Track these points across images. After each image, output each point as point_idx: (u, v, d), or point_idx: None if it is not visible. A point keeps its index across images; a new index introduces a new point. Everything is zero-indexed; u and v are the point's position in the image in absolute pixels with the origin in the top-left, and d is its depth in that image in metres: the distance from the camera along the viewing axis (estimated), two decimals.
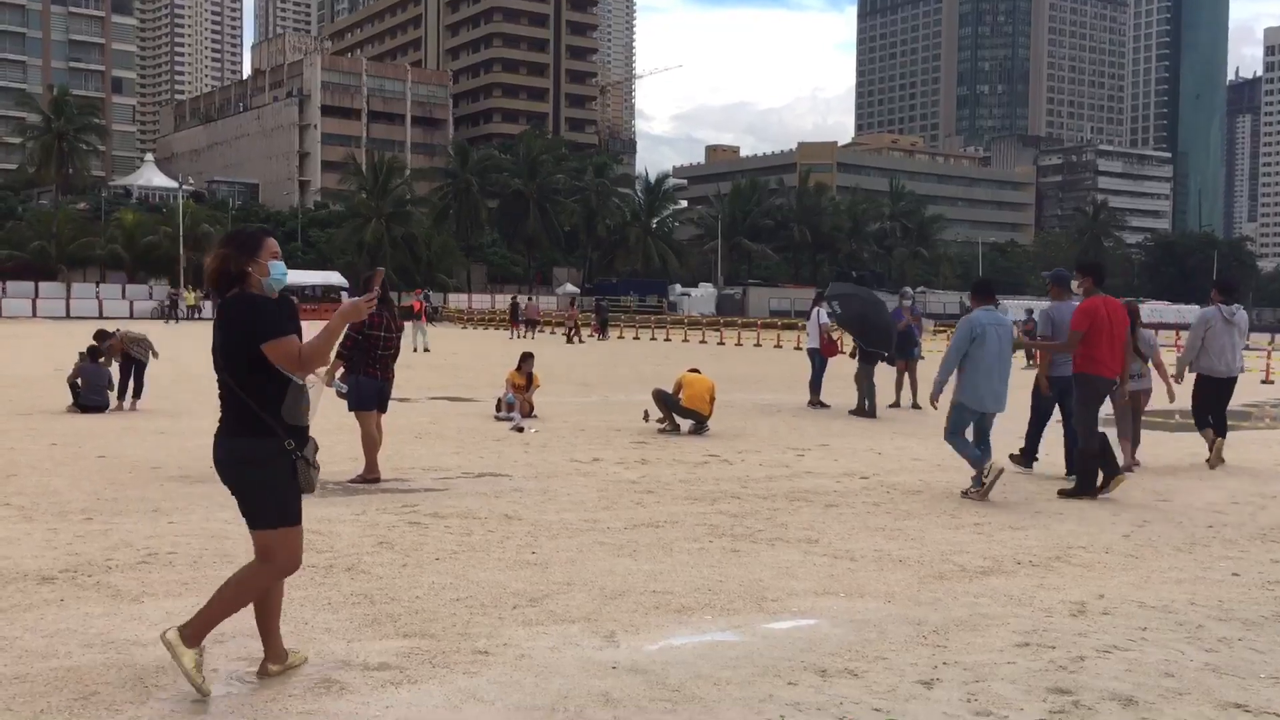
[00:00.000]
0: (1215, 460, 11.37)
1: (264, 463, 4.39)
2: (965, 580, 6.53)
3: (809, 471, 10.83)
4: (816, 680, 4.71)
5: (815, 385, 17.69)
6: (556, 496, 9.06)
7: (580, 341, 43.30)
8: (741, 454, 11.88)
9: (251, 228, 4.91)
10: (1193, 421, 12.04)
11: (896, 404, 17.82)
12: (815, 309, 18.22)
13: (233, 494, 4.52)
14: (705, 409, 13.69)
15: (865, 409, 16.30)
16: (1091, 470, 9.47)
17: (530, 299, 56.88)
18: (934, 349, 37.25)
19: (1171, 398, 11.84)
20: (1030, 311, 42.80)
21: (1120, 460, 10.27)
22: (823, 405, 17.35)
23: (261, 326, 4.35)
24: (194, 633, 4.42)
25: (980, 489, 9.24)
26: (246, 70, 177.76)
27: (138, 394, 15.42)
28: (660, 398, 13.90)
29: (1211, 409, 11.62)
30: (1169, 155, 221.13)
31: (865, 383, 16.41)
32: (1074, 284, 10.38)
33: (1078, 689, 4.66)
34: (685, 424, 13.78)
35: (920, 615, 5.73)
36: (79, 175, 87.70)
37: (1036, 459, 11.19)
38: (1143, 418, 11.93)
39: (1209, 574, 6.85)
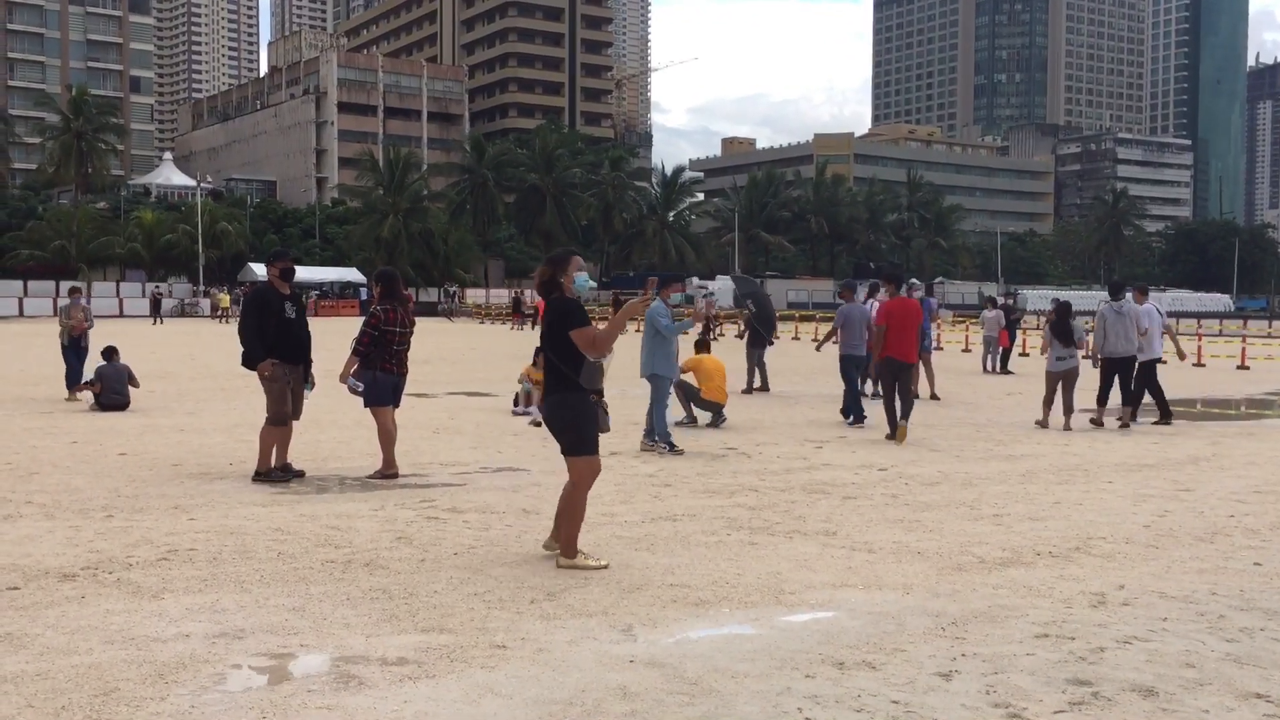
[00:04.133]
0: (1097, 420, 14.12)
1: (577, 407, 6.26)
2: (984, 572, 6.50)
3: (826, 464, 10.82)
4: (834, 673, 4.70)
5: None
6: None
7: (717, 338, 38.40)
8: (759, 446, 11.87)
9: (563, 250, 6.66)
10: (1215, 411, 12.29)
11: (915, 395, 17.76)
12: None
13: (555, 435, 6.41)
14: (723, 399, 13.76)
15: (754, 387, 17.95)
16: (889, 415, 12.66)
17: (527, 292, 56.71)
18: (951, 340, 37.14)
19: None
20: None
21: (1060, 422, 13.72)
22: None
23: (571, 320, 6.22)
24: (568, 549, 6.41)
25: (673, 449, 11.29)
26: (263, 68, 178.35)
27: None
28: (680, 390, 13.88)
29: (1119, 383, 14.20)
30: (1189, 142, 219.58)
31: (754, 363, 18.14)
32: (880, 290, 13.75)
33: (1098, 680, 4.64)
34: (703, 416, 13.79)
35: (939, 607, 5.71)
36: (98, 174, 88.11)
37: (865, 416, 14.02)
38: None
39: (1230, 563, 6.80)
